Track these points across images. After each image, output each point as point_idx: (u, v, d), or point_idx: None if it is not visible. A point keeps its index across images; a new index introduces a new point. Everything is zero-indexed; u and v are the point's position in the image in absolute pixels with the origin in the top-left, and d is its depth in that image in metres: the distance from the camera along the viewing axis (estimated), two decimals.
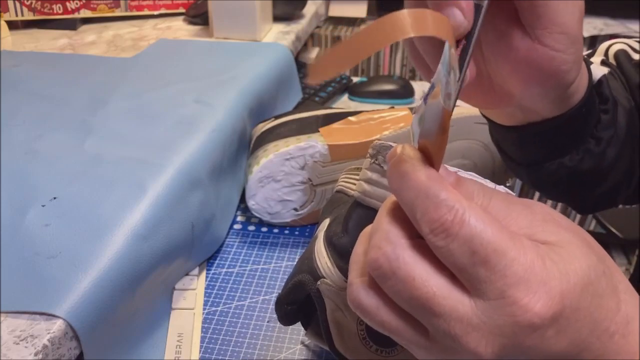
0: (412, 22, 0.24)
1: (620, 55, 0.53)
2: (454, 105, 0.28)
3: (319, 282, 0.41)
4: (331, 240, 0.42)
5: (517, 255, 0.24)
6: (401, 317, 0.27)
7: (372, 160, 0.40)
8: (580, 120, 0.43)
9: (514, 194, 0.32)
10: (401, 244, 0.26)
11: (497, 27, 0.35)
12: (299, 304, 0.44)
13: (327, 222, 0.48)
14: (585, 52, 0.58)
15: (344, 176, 0.55)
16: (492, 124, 0.47)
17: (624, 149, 0.48)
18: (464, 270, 0.25)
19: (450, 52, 0.26)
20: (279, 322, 0.53)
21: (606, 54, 0.55)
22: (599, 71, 0.47)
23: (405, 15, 0.24)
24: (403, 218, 0.27)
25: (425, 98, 0.28)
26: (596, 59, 0.55)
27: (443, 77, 0.26)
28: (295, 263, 0.50)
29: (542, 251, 0.25)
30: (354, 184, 0.52)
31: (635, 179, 0.51)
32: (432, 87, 0.27)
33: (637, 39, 0.55)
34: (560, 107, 0.42)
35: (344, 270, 0.40)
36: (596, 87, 0.47)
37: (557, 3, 0.33)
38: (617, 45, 0.54)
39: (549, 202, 1.53)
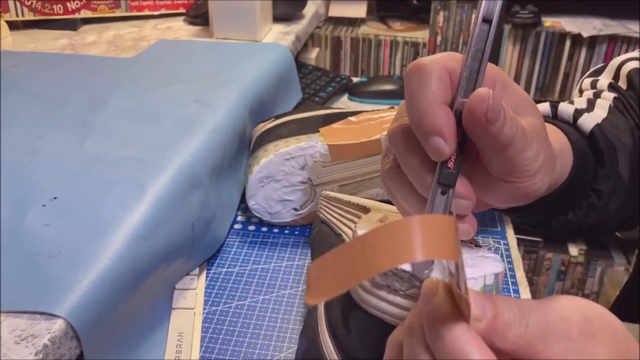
0: (423, 241, 0.21)
1: (634, 74, 0.50)
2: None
3: None
4: (335, 333, 0.44)
5: None
6: None
7: (384, 284, 0.40)
8: (575, 182, 0.43)
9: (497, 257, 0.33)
10: None
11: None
12: None
13: None
14: (591, 70, 0.55)
15: (324, 204, 0.55)
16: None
17: (630, 193, 0.46)
18: None
19: (460, 264, 0.25)
20: (279, 322, 0.53)
21: (617, 72, 0.51)
22: (591, 120, 0.46)
23: (414, 231, 0.21)
24: None
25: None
26: (603, 79, 0.52)
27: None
28: (302, 324, 0.50)
29: None
30: (338, 220, 0.52)
31: None
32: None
33: None
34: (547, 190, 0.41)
35: None
36: (588, 140, 0.45)
37: (520, 156, 0.33)
38: (632, 64, 0.51)
39: None
